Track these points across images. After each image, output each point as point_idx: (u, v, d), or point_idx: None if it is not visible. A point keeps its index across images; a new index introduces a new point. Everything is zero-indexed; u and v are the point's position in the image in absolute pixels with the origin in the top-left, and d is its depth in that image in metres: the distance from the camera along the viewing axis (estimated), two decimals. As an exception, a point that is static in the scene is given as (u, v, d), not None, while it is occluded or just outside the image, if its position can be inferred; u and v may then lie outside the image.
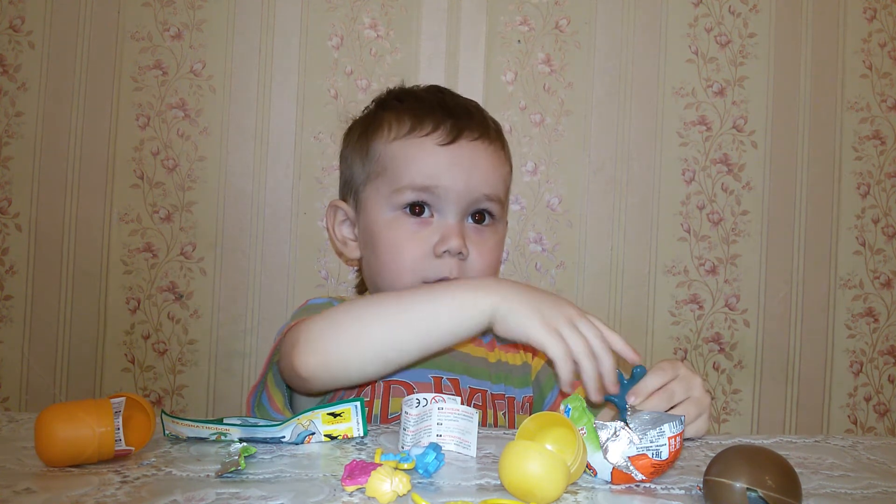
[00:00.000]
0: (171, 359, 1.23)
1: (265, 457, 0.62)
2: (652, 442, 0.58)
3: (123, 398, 0.62)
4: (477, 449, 0.65)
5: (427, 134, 0.87)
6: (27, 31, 1.21)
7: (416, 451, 0.59)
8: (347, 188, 0.94)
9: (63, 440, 0.57)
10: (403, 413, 0.66)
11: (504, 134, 0.97)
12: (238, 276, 1.23)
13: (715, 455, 0.55)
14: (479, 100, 1.23)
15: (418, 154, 0.86)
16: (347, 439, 0.68)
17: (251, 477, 0.57)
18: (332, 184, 1.23)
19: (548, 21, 1.27)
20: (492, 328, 0.71)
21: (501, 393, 0.89)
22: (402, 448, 0.65)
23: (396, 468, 0.56)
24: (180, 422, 0.65)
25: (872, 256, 1.31)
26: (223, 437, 0.65)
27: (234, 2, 1.23)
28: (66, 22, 1.21)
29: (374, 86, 1.24)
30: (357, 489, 0.54)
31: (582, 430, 0.59)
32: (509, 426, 0.88)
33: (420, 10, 1.25)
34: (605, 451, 0.58)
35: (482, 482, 0.58)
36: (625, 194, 1.28)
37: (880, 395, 1.32)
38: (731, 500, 0.52)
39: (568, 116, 1.27)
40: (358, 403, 0.67)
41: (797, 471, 0.54)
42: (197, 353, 1.23)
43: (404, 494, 0.52)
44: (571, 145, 1.27)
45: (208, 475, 0.57)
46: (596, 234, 1.28)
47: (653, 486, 0.59)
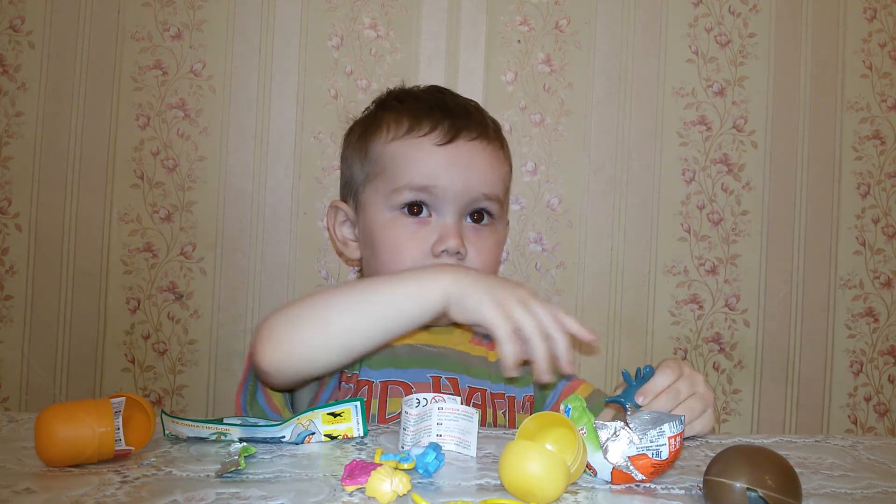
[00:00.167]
0: (171, 359, 1.23)
1: (265, 457, 0.62)
2: (652, 442, 0.58)
3: (123, 398, 0.62)
4: (477, 449, 0.65)
5: (425, 134, 0.87)
6: (27, 31, 1.21)
7: (416, 451, 0.59)
8: (347, 189, 0.95)
9: (63, 440, 0.57)
10: (403, 413, 0.66)
11: (504, 134, 0.97)
12: (238, 276, 1.23)
13: (715, 455, 0.55)
14: (479, 100, 1.23)
15: (416, 154, 0.86)
16: (347, 439, 0.68)
17: (251, 477, 0.57)
18: (332, 184, 1.23)
19: (548, 21, 1.27)
20: (447, 313, 0.72)
21: (501, 392, 0.89)
22: (402, 448, 0.65)
23: (396, 468, 0.56)
24: (180, 422, 0.65)
25: (872, 256, 1.31)
26: (223, 437, 0.65)
27: (234, 2, 1.23)
28: (66, 22, 1.21)
29: (374, 86, 1.24)
30: (357, 489, 0.54)
31: (582, 430, 0.59)
32: (509, 426, 0.88)
33: (420, 10, 1.25)
34: (605, 451, 0.58)
35: (482, 482, 0.58)
36: (625, 194, 1.28)
37: (880, 395, 1.32)
38: (731, 500, 0.52)
39: (568, 116, 1.27)
40: (358, 403, 0.67)
41: (797, 471, 0.54)
42: (197, 353, 1.23)
43: (404, 494, 0.52)
44: (571, 145, 1.27)
45: (208, 475, 0.57)
46: (596, 234, 1.28)
47: (653, 486, 0.59)
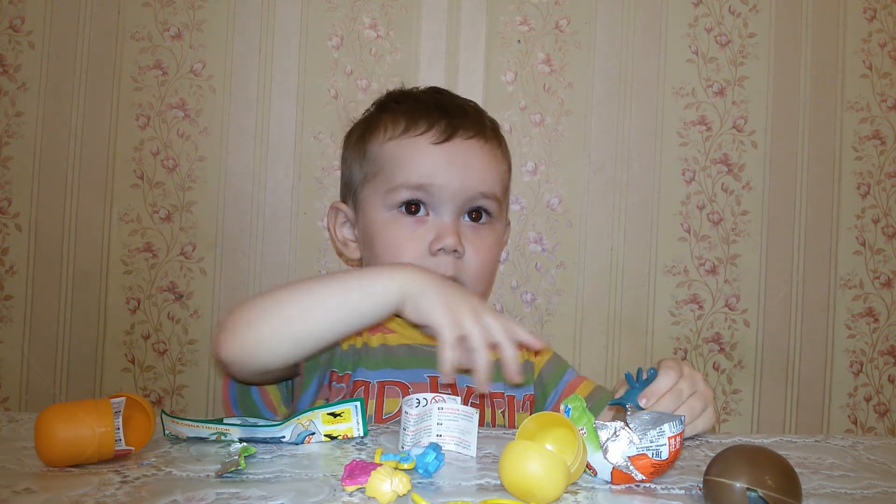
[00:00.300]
0: (171, 359, 1.23)
1: (265, 457, 0.62)
2: (652, 442, 0.58)
3: (123, 398, 0.62)
4: (477, 449, 0.65)
5: (421, 133, 0.87)
6: (27, 31, 1.21)
7: (416, 451, 0.59)
8: (347, 190, 0.95)
9: (63, 440, 0.57)
10: (403, 413, 0.66)
11: (504, 134, 0.97)
12: (238, 276, 1.23)
13: (715, 455, 0.55)
14: (479, 100, 1.23)
15: (413, 153, 0.87)
16: (347, 439, 0.68)
17: (251, 477, 0.57)
18: (332, 184, 1.23)
19: (548, 21, 1.27)
20: (401, 311, 0.72)
21: (500, 392, 0.89)
22: (402, 448, 0.65)
23: (396, 468, 0.56)
24: (180, 422, 0.65)
25: (872, 256, 1.31)
26: (223, 437, 0.65)
27: (234, 2, 1.23)
28: (66, 22, 1.21)
29: (374, 86, 1.24)
30: (357, 489, 0.54)
31: (582, 430, 0.59)
32: (509, 425, 0.88)
33: (420, 10, 1.25)
34: (605, 451, 0.58)
35: (482, 482, 0.58)
36: (625, 194, 1.28)
37: (880, 395, 1.32)
38: (731, 500, 0.52)
39: (568, 116, 1.27)
40: (358, 403, 0.67)
41: (797, 471, 0.54)
42: (197, 353, 1.23)
43: (404, 494, 0.52)
44: (571, 145, 1.27)
45: (208, 475, 0.57)
46: (596, 234, 1.28)
47: (653, 486, 0.59)
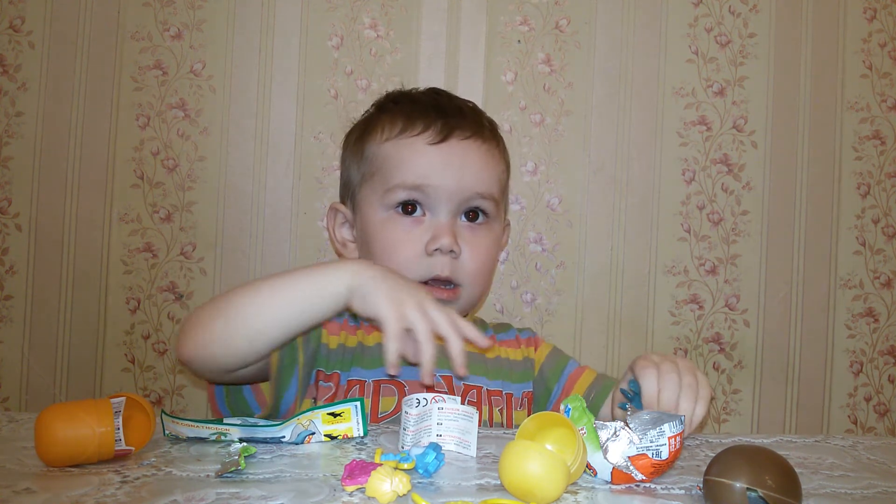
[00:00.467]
0: (171, 359, 1.23)
1: (265, 457, 0.62)
2: (652, 442, 0.58)
3: (123, 398, 0.62)
4: (477, 449, 0.65)
5: (418, 133, 0.87)
6: (27, 31, 1.21)
7: (416, 451, 0.59)
8: (346, 190, 0.95)
9: (63, 440, 0.57)
10: (403, 413, 0.66)
11: (504, 134, 0.97)
12: (238, 276, 1.23)
13: (715, 455, 0.55)
14: (479, 100, 1.24)
15: (409, 154, 0.87)
16: (347, 439, 0.68)
17: (251, 477, 0.57)
18: (332, 184, 1.23)
19: (548, 21, 1.27)
20: (350, 305, 0.73)
21: (499, 389, 0.89)
22: (402, 448, 0.65)
23: (396, 468, 0.56)
24: (180, 422, 0.65)
25: (872, 256, 1.31)
26: (223, 437, 0.65)
27: (234, 2, 1.23)
28: (66, 22, 1.21)
29: (374, 86, 1.24)
30: (357, 489, 0.54)
31: (582, 430, 0.59)
32: (507, 423, 0.88)
33: (420, 10, 1.25)
34: (605, 451, 0.58)
35: (482, 482, 0.58)
36: (625, 194, 1.28)
37: (880, 395, 1.32)
38: (731, 500, 0.52)
39: (568, 116, 1.27)
40: (358, 403, 0.67)
41: (797, 471, 0.54)
42: (197, 353, 1.23)
43: (404, 494, 0.52)
44: (571, 145, 1.27)
45: (208, 475, 0.57)
46: (596, 234, 1.28)
47: (653, 486, 0.59)
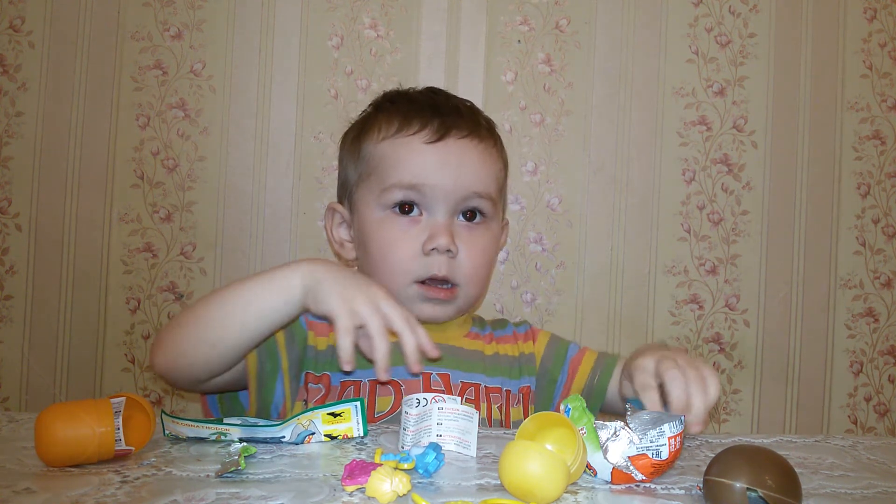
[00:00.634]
0: (171, 359, 1.23)
1: (265, 457, 0.62)
2: (652, 442, 0.58)
3: (123, 398, 0.62)
4: (477, 449, 0.65)
5: (414, 133, 0.87)
6: (27, 31, 1.21)
7: (416, 451, 0.59)
8: (343, 190, 0.95)
9: (63, 440, 0.57)
10: (403, 413, 0.66)
11: (504, 134, 0.96)
12: (238, 276, 1.23)
13: (715, 455, 0.55)
14: (479, 100, 1.24)
15: (405, 153, 0.87)
16: (347, 439, 0.68)
17: (251, 477, 0.57)
18: (332, 184, 1.22)
19: (548, 21, 1.27)
20: (306, 304, 0.73)
21: (498, 386, 0.89)
22: (402, 448, 0.65)
23: (396, 468, 0.56)
24: (180, 422, 0.65)
25: (872, 256, 1.31)
26: (223, 437, 0.65)
27: (234, 2, 1.23)
28: (66, 22, 1.21)
29: (374, 86, 1.24)
30: (357, 489, 0.54)
31: (582, 430, 0.59)
32: (505, 419, 0.88)
33: (420, 10, 1.25)
34: (605, 451, 0.58)
35: (482, 482, 0.58)
36: (625, 194, 1.28)
37: (880, 395, 1.32)
38: (731, 500, 0.52)
39: (568, 116, 1.27)
40: (358, 403, 0.67)
41: (797, 471, 0.54)
42: (197, 353, 1.23)
43: (404, 494, 0.52)
44: (571, 145, 1.27)
45: (208, 475, 0.57)
46: (596, 234, 1.28)
47: (653, 486, 0.59)
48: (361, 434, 0.68)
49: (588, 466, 0.59)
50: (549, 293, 1.27)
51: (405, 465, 0.58)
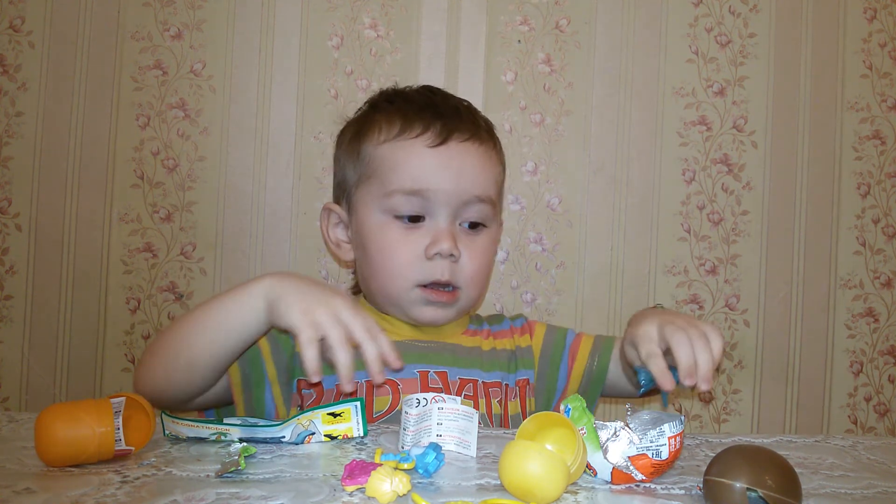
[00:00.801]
0: (171, 359, 1.23)
1: (265, 457, 0.62)
2: (652, 442, 0.58)
3: (123, 398, 0.62)
4: (477, 449, 0.65)
5: (417, 136, 0.86)
6: (27, 31, 1.21)
7: (416, 451, 0.59)
8: (340, 190, 0.94)
9: (63, 440, 0.57)
10: (403, 413, 0.66)
11: (499, 133, 0.96)
12: (238, 276, 1.23)
13: (715, 455, 0.55)
14: (479, 100, 1.24)
15: (408, 157, 0.86)
16: (347, 439, 0.68)
17: (251, 477, 0.57)
18: (332, 184, 1.23)
19: (548, 21, 1.27)
20: (270, 319, 0.73)
21: (497, 381, 0.89)
22: (402, 448, 0.65)
23: (396, 468, 0.56)
24: (180, 422, 0.65)
25: (872, 256, 1.31)
26: (223, 437, 0.65)
27: (234, 2, 1.23)
28: (66, 22, 1.21)
29: (374, 86, 1.24)
30: (357, 489, 0.54)
31: (582, 430, 0.59)
32: (504, 414, 0.88)
33: (420, 10, 1.25)
34: (605, 451, 0.58)
35: (482, 482, 0.58)
36: (625, 194, 1.28)
37: (880, 395, 1.32)
38: (731, 500, 0.52)
39: (568, 116, 1.27)
40: (358, 403, 0.67)
41: (797, 471, 0.54)
42: (197, 353, 1.23)
43: (404, 494, 0.52)
44: (571, 145, 1.27)
45: (208, 475, 0.57)
46: (596, 234, 1.28)
47: (653, 486, 0.59)
48: (361, 434, 0.68)
49: (588, 466, 0.59)
50: (549, 293, 1.27)
51: (405, 465, 0.58)
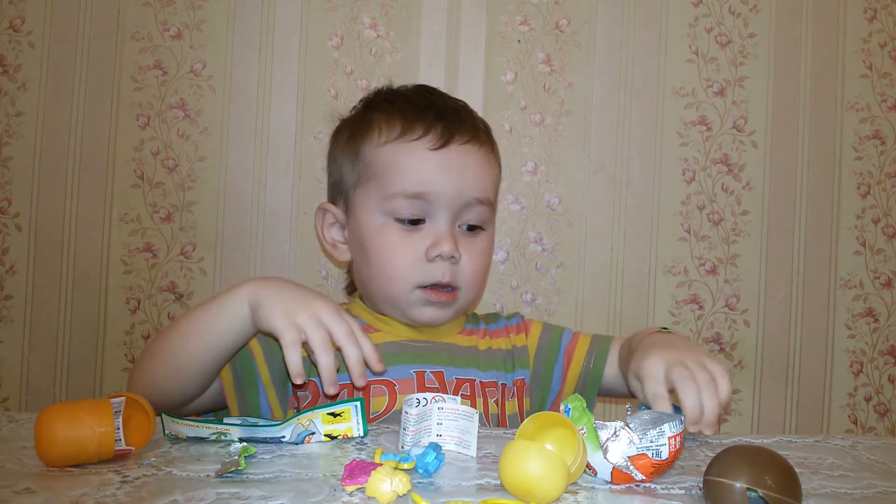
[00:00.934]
0: (171, 359, 1.23)
1: (265, 457, 0.62)
2: (652, 442, 0.58)
3: (123, 398, 0.62)
4: (477, 449, 0.65)
5: (418, 138, 0.86)
6: (27, 31, 1.21)
7: (416, 451, 0.59)
8: (336, 190, 0.93)
9: (63, 440, 0.57)
10: (403, 413, 0.66)
11: (499, 133, 0.96)
12: (238, 276, 1.23)
13: (715, 455, 0.55)
14: (479, 100, 1.24)
15: (409, 159, 0.85)
16: (347, 439, 0.68)
17: (251, 477, 0.57)
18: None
19: (548, 21, 1.27)
20: (255, 324, 0.74)
21: (493, 380, 0.89)
22: (402, 448, 0.65)
23: (396, 468, 0.56)
24: (180, 422, 0.65)
25: (872, 256, 1.31)
26: (223, 437, 0.65)
27: (234, 2, 1.23)
28: (66, 22, 1.21)
29: (374, 86, 1.23)
30: (357, 489, 0.54)
31: (582, 430, 0.59)
32: (501, 414, 0.88)
33: (420, 10, 1.25)
34: (605, 451, 0.58)
35: (482, 482, 0.58)
36: (625, 194, 1.28)
37: (880, 395, 1.32)
38: (731, 500, 0.52)
39: (568, 116, 1.27)
40: (358, 403, 0.67)
41: (797, 471, 0.54)
42: (197, 353, 1.23)
43: (404, 494, 0.52)
44: (571, 145, 1.27)
45: (208, 475, 0.57)
46: (596, 234, 1.28)
47: (653, 486, 0.59)
48: (361, 434, 0.68)
49: (588, 466, 0.59)
50: (549, 293, 1.27)
51: (405, 465, 0.58)
